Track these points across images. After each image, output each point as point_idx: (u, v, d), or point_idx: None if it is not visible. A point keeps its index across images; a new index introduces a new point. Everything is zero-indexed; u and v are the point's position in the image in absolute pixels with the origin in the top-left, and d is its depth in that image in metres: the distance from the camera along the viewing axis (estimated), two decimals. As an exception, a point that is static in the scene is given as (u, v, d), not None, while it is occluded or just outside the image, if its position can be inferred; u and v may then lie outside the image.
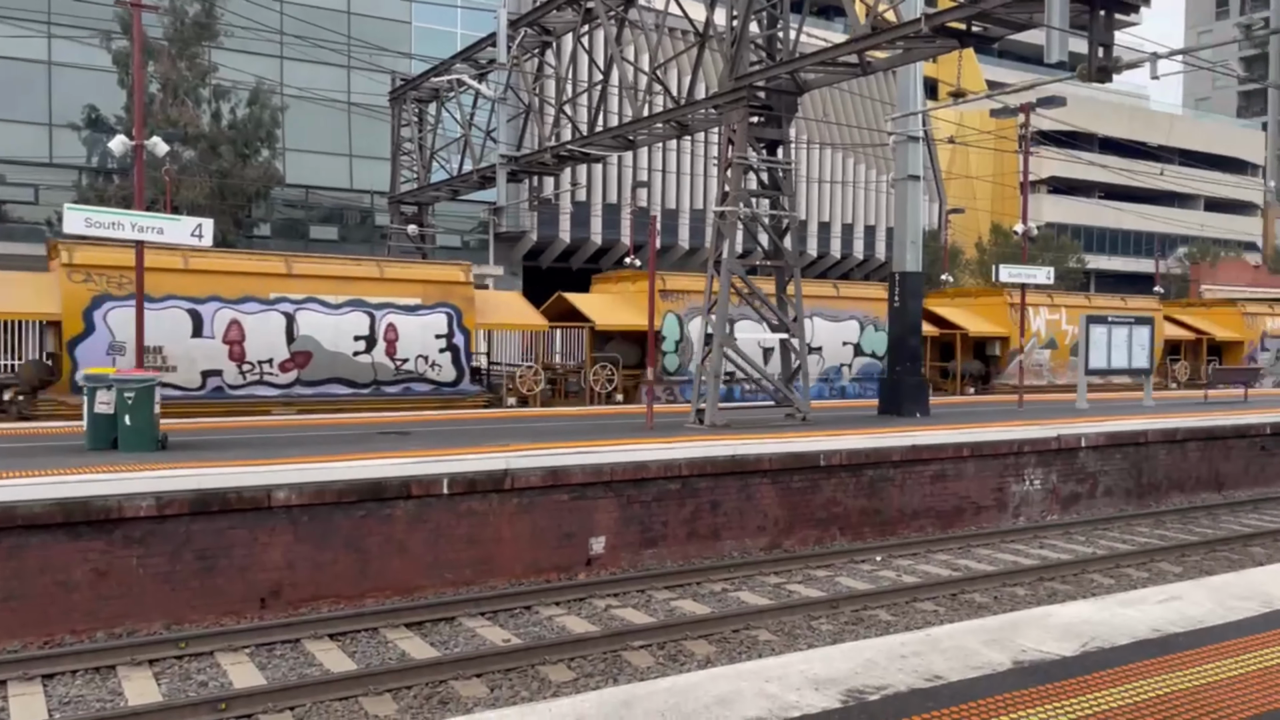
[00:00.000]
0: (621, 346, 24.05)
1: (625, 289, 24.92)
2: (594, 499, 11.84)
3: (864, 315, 26.13)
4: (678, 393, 23.06)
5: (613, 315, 23.87)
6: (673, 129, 18.84)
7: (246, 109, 31.56)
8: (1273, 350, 34.77)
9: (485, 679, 8.20)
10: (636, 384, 22.97)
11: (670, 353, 23.05)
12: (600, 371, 22.90)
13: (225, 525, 9.61)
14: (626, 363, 23.76)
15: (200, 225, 12.25)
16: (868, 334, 26.15)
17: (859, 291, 27.01)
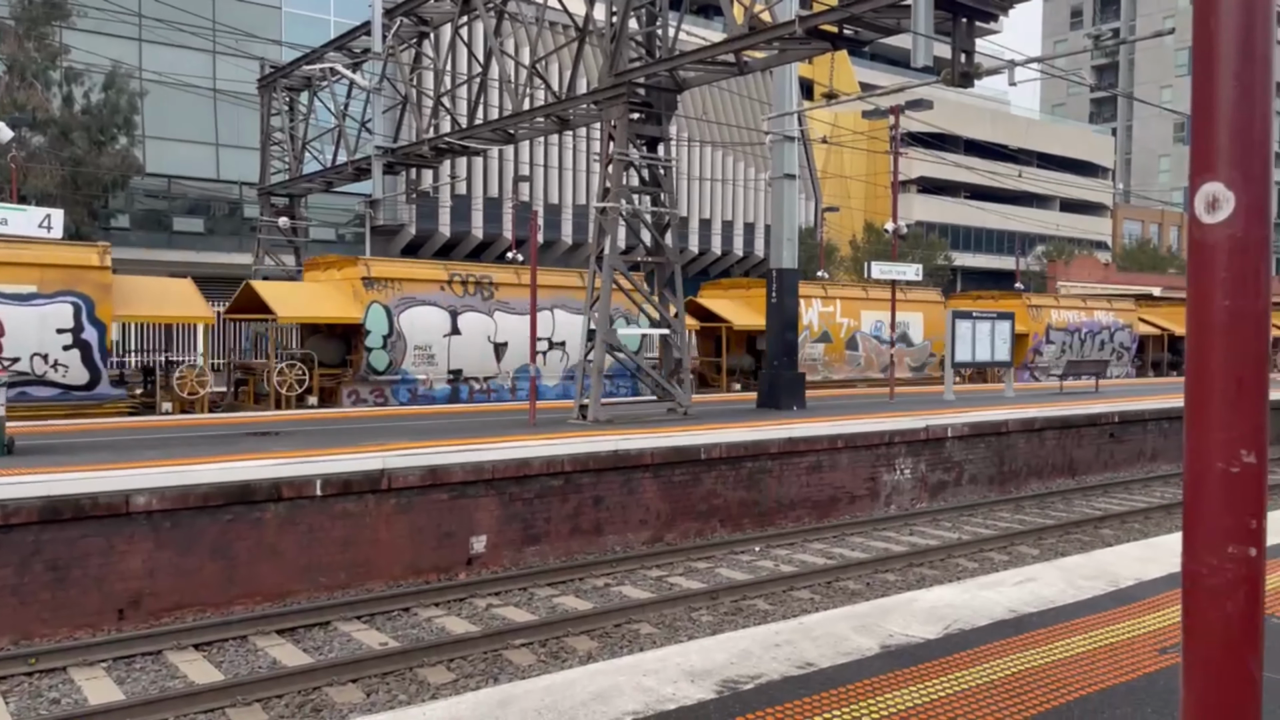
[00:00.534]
0: (322, 343, 21.72)
1: (332, 276, 22.15)
2: (475, 497, 11.70)
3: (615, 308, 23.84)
4: (389, 394, 20.93)
5: (308, 307, 21.08)
6: (553, 124, 18.75)
7: (102, 94, 29.87)
8: (1058, 343, 34.54)
9: (361, 684, 8.01)
10: (338, 384, 20.91)
11: (377, 349, 20.64)
12: (289, 371, 20.28)
13: (78, 534, 9.10)
14: (326, 360, 21.29)
15: (49, 216, 11.54)
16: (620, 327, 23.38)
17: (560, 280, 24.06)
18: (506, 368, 22.56)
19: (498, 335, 22.37)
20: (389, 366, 20.95)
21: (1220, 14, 1.66)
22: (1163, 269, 68.10)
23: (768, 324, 19.73)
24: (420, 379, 21.28)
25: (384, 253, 41.79)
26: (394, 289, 21.02)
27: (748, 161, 52.11)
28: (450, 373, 21.78)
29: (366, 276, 20.84)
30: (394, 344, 20.91)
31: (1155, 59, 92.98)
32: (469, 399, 21.73)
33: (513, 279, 22.74)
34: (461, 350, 21.84)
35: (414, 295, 21.18)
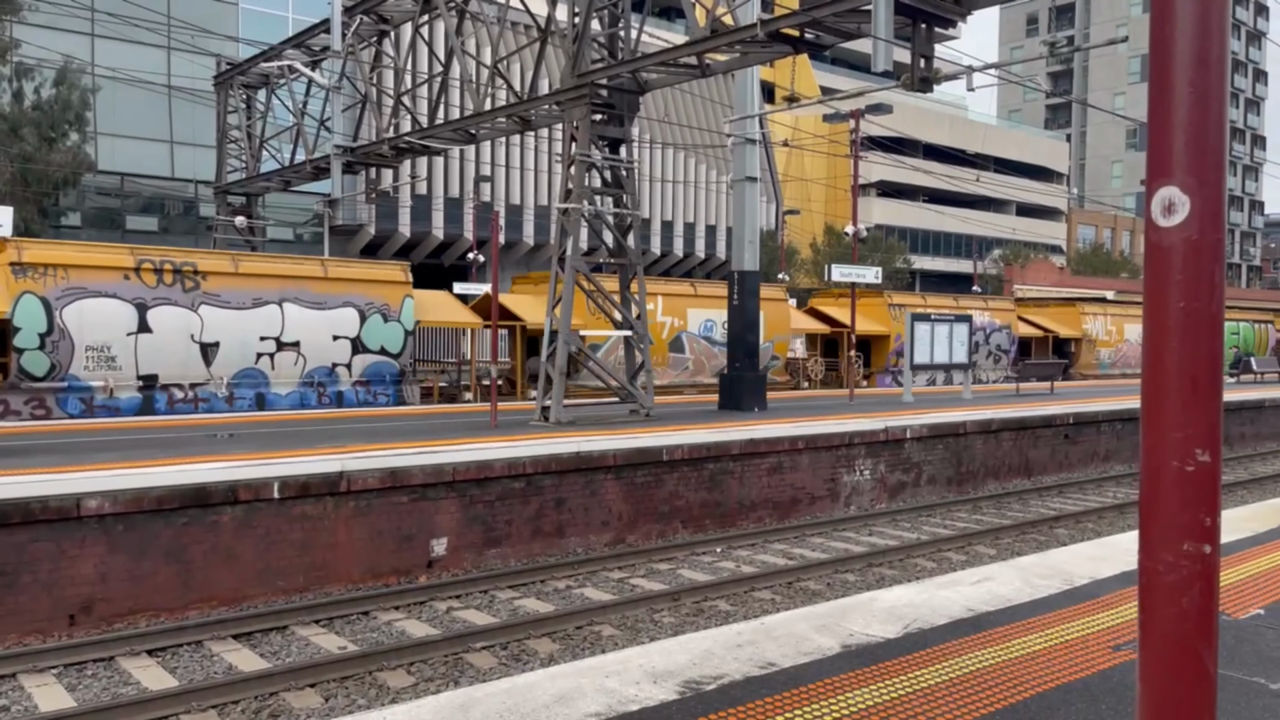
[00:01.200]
0: None
1: None
2: (435, 500, 11.61)
3: (366, 302, 20.80)
4: (53, 404, 17.56)
5: None
6: (515, 124, 18.68)
7: (53, 89, 29.25)
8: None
9: (319, 689, 7.91)
10: None
11: (32, 349, 17.18)
12: None
13: (27, 538, 8.89)
14: None
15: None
16: (373, 326, 20.88)
17: (357, 272, 21.19)
18: (220, 373, 19.18)
19: (204, 334, 19.00)
20: (50, 371, 17.44)
21: (1175, 21, 1.69)
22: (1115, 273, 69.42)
23: (729, 326, 19.80)
24: (96, 385, 17.89)
25: (343, 253, 41.44)
26: (55, 277, 17.34)
27: (709, 164, 52.31)
28: (141, 378, 18.48)
29: (16, 262, 16.99)
30: (56, 344, 17.42)
31: (1109, 66, 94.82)
32: (168, 409, 18.67)
33: (226, 267, 19.34)
34: (154, 352, 18.42)
35: (84, 285, 17.62)
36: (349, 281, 20.76)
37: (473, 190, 40.74)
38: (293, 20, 36.46)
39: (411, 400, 21.45)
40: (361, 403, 20.72)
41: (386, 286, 21.26)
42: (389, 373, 21.27)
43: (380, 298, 21.10)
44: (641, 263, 17.48)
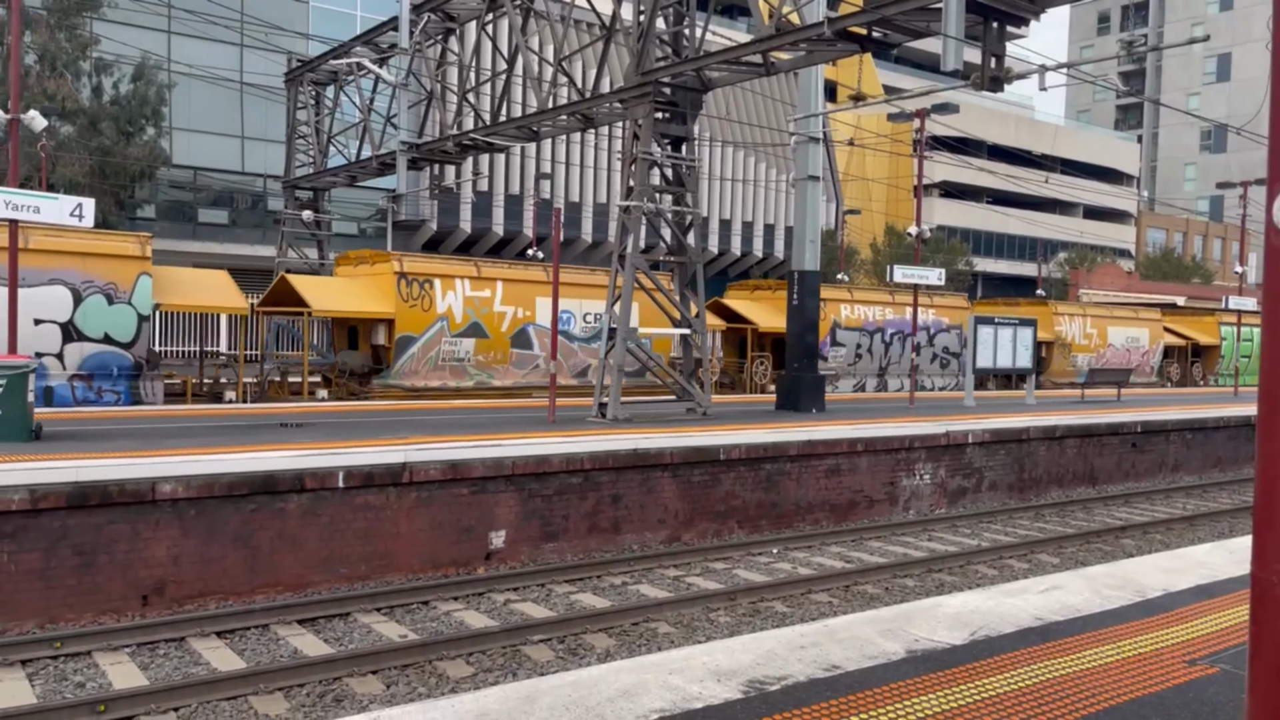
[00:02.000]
0: None
1: None
2: (495, 493, 11.73)
3: (84, 280, 17.28)
4: None
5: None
6: (577, 122, 18.77)
7: (130, 85, 30.11)
8: (849, 345, 28.62)
9: (381, 675, 8.05)
10: None
11: None
12: None
13: (105, 520, 9.19)
14: None
15: (80, 205, 11.64)
16: (94, 307, 17.30)
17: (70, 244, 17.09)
18: None
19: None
20: None
21: (1290, 21, 1.64)
22: (1186, 278, 67.51)
23: (788, 326, 19.69)
24: None
25: (405, 247, 42.05)
26: None
27: (769, 162, 52.03)
28: None
29: None
30: None
31: (1183, 66, 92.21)
32: None
33: None
34: None
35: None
36: (59, 254, 16.92)
37: (533, 187, 41.03)
38: (361, 18, 37.07)
39: (151, 399, 18.17)
40: (82, 400, 17.34)
41: (114, 262, 17.54)
42: (119, 365, 17.72)
43: (103, 275, 17.39)
44: (701, 260, 17.45)
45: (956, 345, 31.20)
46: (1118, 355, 35.92)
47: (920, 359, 28.97)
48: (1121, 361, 35.31)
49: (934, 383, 30.96)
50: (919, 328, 28.27)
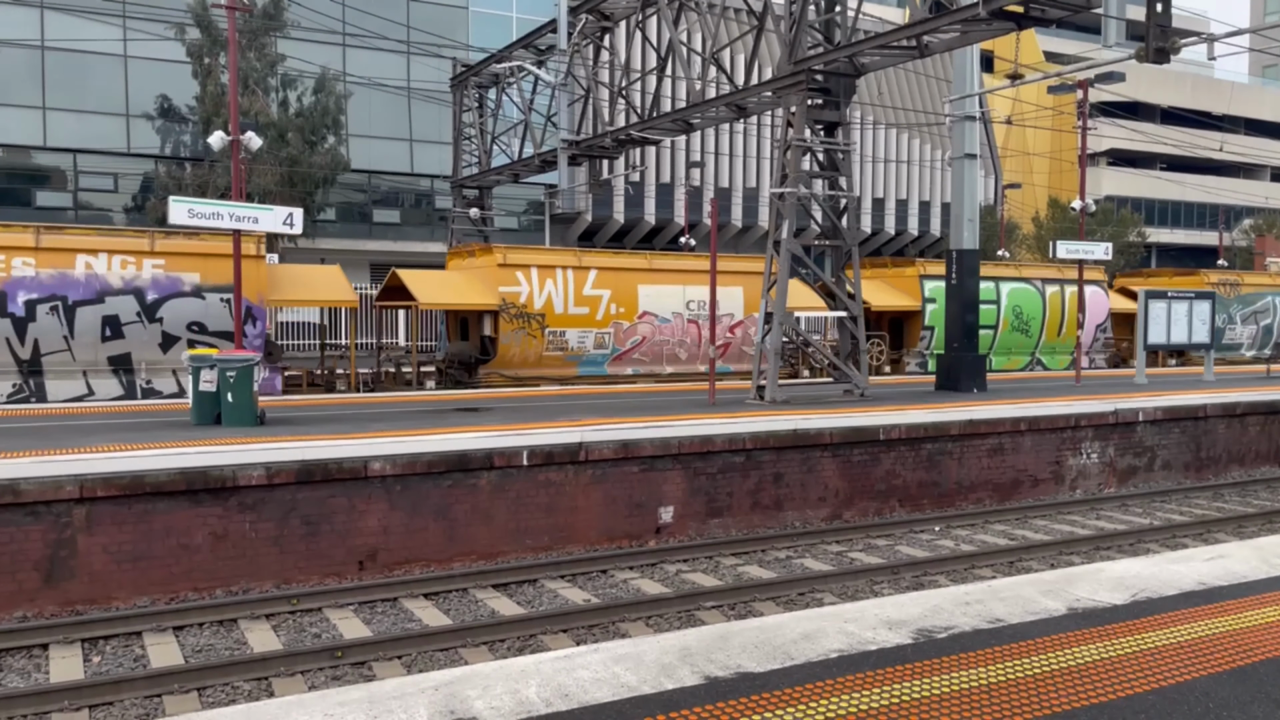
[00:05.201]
0: None
1: None
2: (663, 471, 12.45)
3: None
4: None
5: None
6: (731, 112, 19.24)
7: (313, 97, 32.52)
8: None
9: (571, 634, 8.88)
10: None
11: None
12: None
13: (327, 494, 10.40)
14: None
15: (291, 214, 13.02)
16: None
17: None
18: None
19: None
20: None
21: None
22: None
23: (947, 306, 19.61)
24: None
25: (562, 239, 43.58)
26: None
27: (922, 139, 50.92)
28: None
29: None
30: None
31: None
32: None
33: None
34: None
35: None
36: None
37: (684, 176, 41.70)
38: (516, 20, 38.59)
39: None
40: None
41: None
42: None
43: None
44: (857, 243, 17.66)
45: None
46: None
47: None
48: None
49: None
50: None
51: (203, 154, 33.27)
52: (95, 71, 33.25)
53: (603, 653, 4.51)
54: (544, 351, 21.95)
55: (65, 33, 32.30)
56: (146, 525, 9.53)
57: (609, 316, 22.56)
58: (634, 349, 22.90)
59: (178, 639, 8.56)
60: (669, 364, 23.50)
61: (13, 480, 8.97)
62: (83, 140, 33.79)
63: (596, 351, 22.54)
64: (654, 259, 23.90)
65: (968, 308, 19.11)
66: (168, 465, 9.72)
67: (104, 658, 8.11)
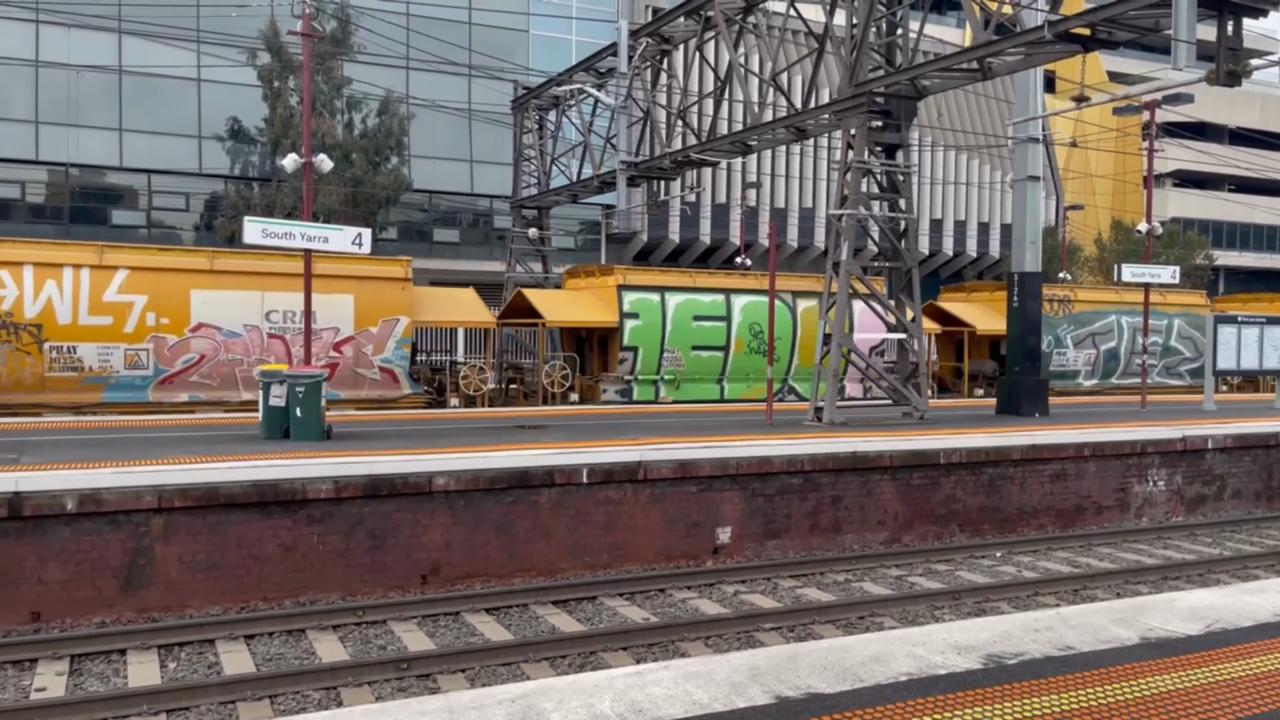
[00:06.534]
0: None
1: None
2: (720, 491, 12.48)
3: None
4: None
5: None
6: (791, 134, 19.30)
7: (377, 119, 33.25)
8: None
9: (631, 651, 8.94)
10: None
11: None
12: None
13: (392, 508, 10.61)
14: None
15: (360, 234, 13.36)
16: None
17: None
18: None
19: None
20: None
21: None
22: None
23: (1008, 329, 19.40)
24: None
25: (618, 258, 43.85)
26: None
27: (981, 160, 50.41)
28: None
29: None
30: None
31: None
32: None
33: None
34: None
35: None
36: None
37: (740, 196, 41.78)
38: (576, 43, 39.07)
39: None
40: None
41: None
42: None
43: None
44: (916, 264, 17.56)
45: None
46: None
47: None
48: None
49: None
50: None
51: (270, 174, 34.18)
52: (169, 95, 34.35)
53: (673, 670, 4.57)
54: (45, 372, 17.58)
55: (142, 58, 33.47)
56: (220, 536, 9.82)
57: (145, 329, 18.10)
58: (189, 369, 18.43)
59: (249, 647, 8.79)
60: (247, 389, 18.67)
61: (95, 490, 9.32)
62: (156, 161, 34.89)
63: (130, 373, 18.01)
64: (217, 258, 19.17)
65: (1030, 330, 18.87)
66: (240, 478, 10.01)
67: (179, 664, 8.36)
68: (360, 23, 31.64)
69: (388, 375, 19.69)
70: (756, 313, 22.75)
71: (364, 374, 19.40)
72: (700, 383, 22.65)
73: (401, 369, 19.75)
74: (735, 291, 23.17)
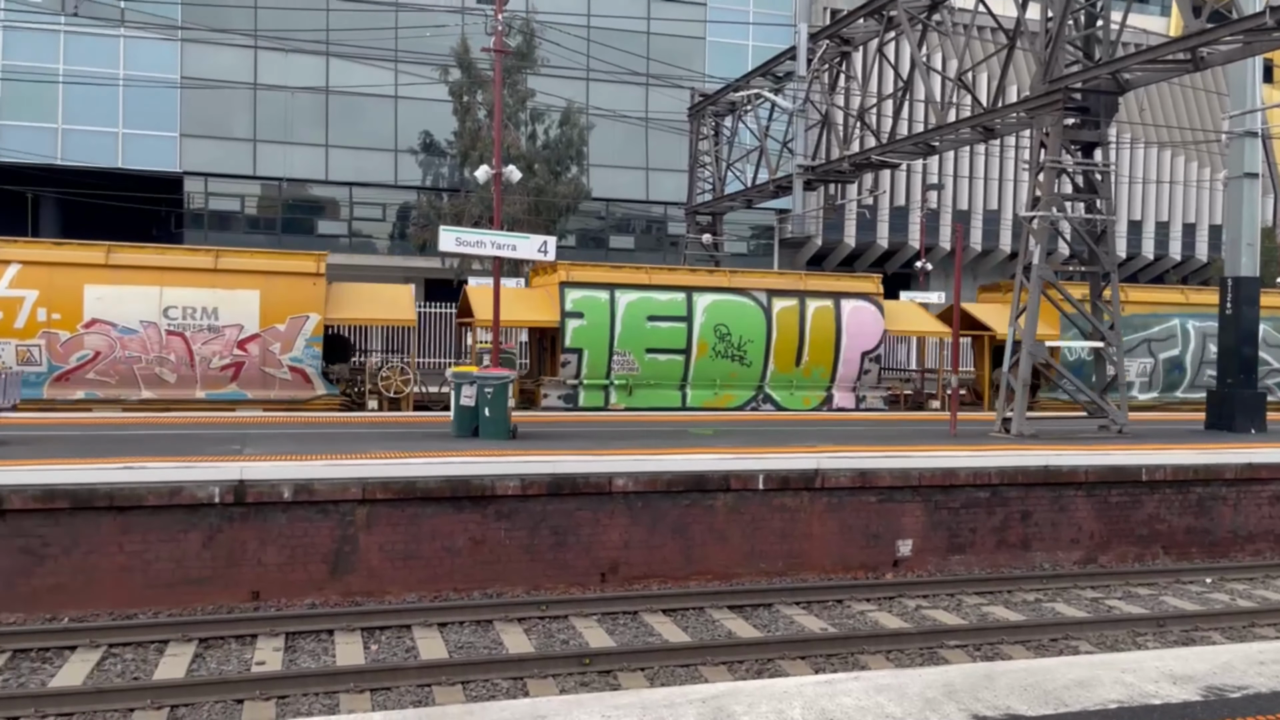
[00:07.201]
0: None
1: None
2: (901, 502, 12.17)
3: None
4: None
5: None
6: (978, 134, 18.61)
7: (558, 129, 34.31)
8: None
9: (809, 661, 8.85)
10: None
11: None
12: None
13: (574, 506, 10.92)
14: None
15: (545, 242, 13.84)
16: None
17: None
18: None
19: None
20: None
21: None
22: None
23: (1220, 339, 18.00)
24: None
25: (790, 263, 43.50)
26: None
27: (1188, 156, 47.00)
28: None
29: None
30: None
31: None
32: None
33: None
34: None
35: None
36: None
37: (920, 198, 40.60)
38: (753, 48, 39.04)
39: None
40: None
41: None
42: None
43: None
44: (1114, 268, 16.55)
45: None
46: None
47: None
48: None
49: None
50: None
51: (459, 185, 35.87)
52: (369, 112, 36.64)
53: (864, 681, 4.52)
54: None
55: (346, 78, 35.86)
56: (416, 527, 10.38)
57: (36, 324, 17.54)
58: (84, 366, 17.87)
59: (442, 634, 9.25)
60: (148, 387, 18.21)
61: (308, 480, 10.05)
62: (357, 174, 37.29)
63: (23, 369, 17.53)
64: (114, 252, 18.34)
65: (1245, 340, 17.43)
66: (435, 473, 10.55)
67: (380, 646, 8.90)
68: (544, 36, 32.75)
69: (299, 375, 18.53)
70: (723, 313, 20.71)
71: (273, 374, 18.46)
72: (658, 388, 20.44)
73: (314, 369, 18.58)
74: (698, 290, 20.61)
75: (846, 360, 21.36)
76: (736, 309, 20.78)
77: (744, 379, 20.93)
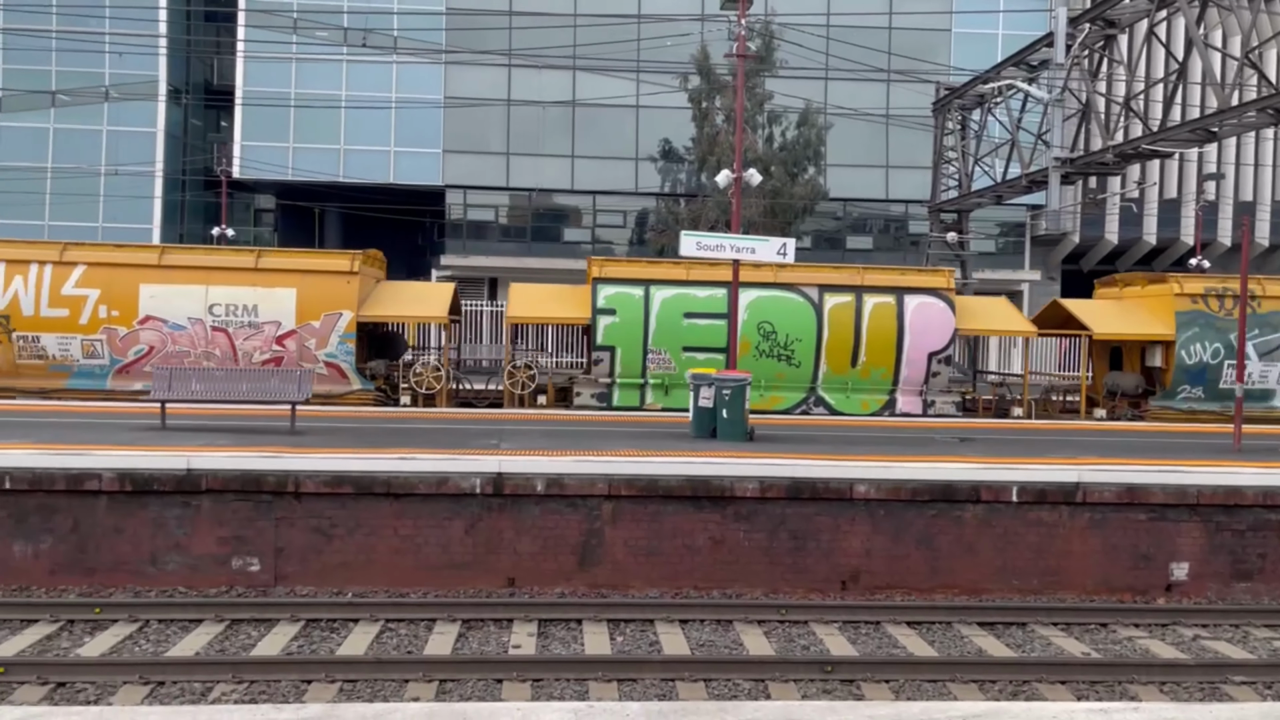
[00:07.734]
0: None
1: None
2: (1175, 522, 11.18)
3: None
4: None
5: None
6: (1268, 117, 16.73)
7: (795, 130, 34.05)
8: None
9: (1070, 686, 8.29)
10: None
11: None
12: None
13: (813, 511, 10.82)
14: None
15: (785, 244, 13.80)
16: None
17: None
18: None
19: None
20: None
21: None
22: None
23: None
24: None
25: (1043, 262, 40.89)
26: None
27: None
28: None
29: None
30: None
31: None
32: None
33: None
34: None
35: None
36: None
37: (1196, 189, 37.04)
38: (1002, 37, 37.05)
39: None
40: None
41: None
42: None
43: None
44: None
45: None
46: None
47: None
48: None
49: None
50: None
51: (695, 190, 36.40)
52: (612, 122, 37.92)
53: (1144, 714, 4.19)
54: (17, 359, 18.66)
55: (590, 90, 37.31)
56: (658, 524, 10.65)
57: (98, 321, 18.69)
58: (141, 360, 18.74)
59: (683, 631, 9.42)
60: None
61: (559, 475, 10.56)
62: (600, 183, 38.70)
63: (89, 362, 18.72)
64: (166, 253, 19.55)
65: None
66: (676, 472, 10.78)
67: (625, 638, 9.19)
68: (783, 38, 32.62)
69: (334, 370, 18.95)
70: (767, 309, 19.46)
71: (309, 368, 18.55)
72: None
73: (348, 364, 18.94)
74: (740, 285, 18.53)
75: (910, 361, 19.70)
76: (783, 305, 19.73)
77: (793, 380, 19.75)
